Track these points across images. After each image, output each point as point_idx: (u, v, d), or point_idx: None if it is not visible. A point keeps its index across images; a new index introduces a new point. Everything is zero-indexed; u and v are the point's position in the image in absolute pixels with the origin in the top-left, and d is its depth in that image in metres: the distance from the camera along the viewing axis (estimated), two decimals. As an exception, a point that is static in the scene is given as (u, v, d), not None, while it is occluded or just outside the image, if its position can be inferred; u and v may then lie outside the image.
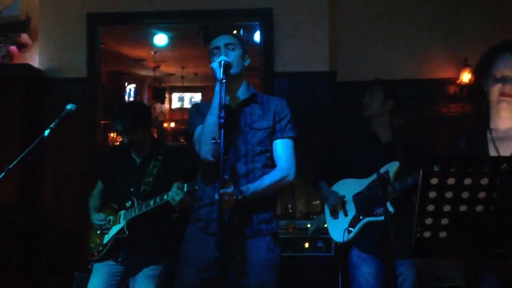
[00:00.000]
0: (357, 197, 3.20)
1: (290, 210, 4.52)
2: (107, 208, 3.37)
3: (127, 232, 3.16)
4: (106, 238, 3.26)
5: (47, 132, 2.63)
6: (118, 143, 5.96)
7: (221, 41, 2.65)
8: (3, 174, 2.51)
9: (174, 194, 2.86)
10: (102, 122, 4.95)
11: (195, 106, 2.83)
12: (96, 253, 3.28)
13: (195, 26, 5.16)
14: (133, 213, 3.17)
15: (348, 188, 3.26)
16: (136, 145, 3.31)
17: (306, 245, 4.06)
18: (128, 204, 3.23)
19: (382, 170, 3.10)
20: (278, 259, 2.63)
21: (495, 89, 2.21)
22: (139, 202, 3.16)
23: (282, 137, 2.64)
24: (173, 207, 2.95)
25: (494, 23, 4.80)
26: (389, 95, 3.30)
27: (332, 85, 4.67)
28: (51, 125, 2.67)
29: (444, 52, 4.90)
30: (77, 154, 4.62)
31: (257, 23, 4.79)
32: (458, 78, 4.83)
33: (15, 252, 4.31)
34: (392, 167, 3.09)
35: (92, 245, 3.34)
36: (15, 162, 2.55)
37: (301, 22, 4.74)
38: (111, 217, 3.29)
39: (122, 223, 3.20)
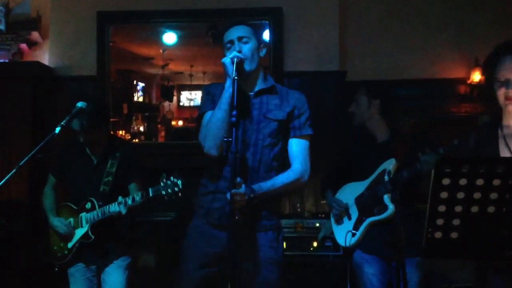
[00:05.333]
0: (358, 200, 3.18)
1: (298, 209, 4.51)
2: (64, 208, 3.28)
3: (92, 237, 3.12)
4: (71, 243, 3.19)
5: (57, 129, 2.63)
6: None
7: (234, 33, 2.57)
8: (13, 171, 2.50)
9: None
10: (111, 119, 4.96)
11: (206, 88, 2.75)
12: (60, 256, 3.22)
13: (204, 25, 5.15)
14: (95, 217, 3.10)
15: (351, 192, 3.23)
16: (92, 144, 3.19)
17: (315, 244, 4.06)
18: (88, 206, 3.14)
19: (380, 169, 3.09)
20: (281, 257, 2.61)
21: (500, 93, 2.21)
22: (100, 203, 3.10)
23: (300, 135, 2.60)
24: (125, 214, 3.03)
25: (505, 22, 4.78)
26: (373, 95, 3.27)
27: (342, 84, 4.66)
28: (62, 123, 2.67)
29: (454, 51, 4.88)
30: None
31: (267, 22, 4.76)
32: (468, 78, 4.81)
33: (25, 248, 4.32)
34: (389, 165, 3.06)
35: (55, 248, 3.25)
36: (25, 159, 2.55)
37: (311, 21, 4.74)
38: (71, 219, 3.21)
39: (85, 227, 3.14)
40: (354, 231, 3.13)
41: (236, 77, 2.39)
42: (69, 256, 3.19)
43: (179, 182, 2.85)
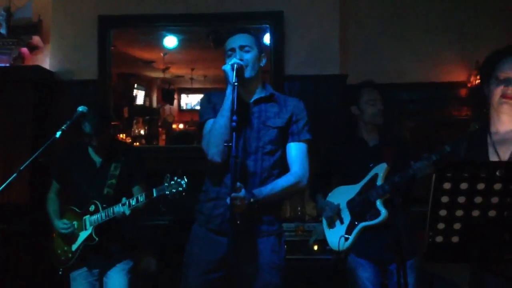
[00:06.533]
0: (350, 204, 3.16)
1: (299, 213, 4.51)
2: (68, 211, 3.28)
3: (96, 239, 3.11)
4: (75, 245, 3.19)
5: (58, 133, 2.64)
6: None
7: (236, 42, 2.59)
8: (15, 175, 2.52)
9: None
10: (112, 123, 4.96)
11: (206, 96, 2.76)
12: (64, 259, 3.23)
13: (205, 28, 5.16)
14: (99, 219, 3.10)
15: (342, 195, 3.22)
16: (100, 147, 3.20)
17: (316, 247, 4.05)
18: (92, 208, 3.15)
19: (372, 173, 3.09)
20: (283, 261, 2.61)
21: (497, 91, 2.20)
22: (104, 206, 3.10)
23: (298, 140, 2.61)
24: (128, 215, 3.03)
25: (505, 25, 4.78)
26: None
27: (342, 88, 4.65)
28: (63, 127, 2.68)
29: (455, 55, 4.87)
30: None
31: (268, 26, 4.78)
32: (469, 81, 4.80)
33: (26, 251, 4.32)
34: (380, 169, 3.07)
35: (59, 251, 3.26)
36: (27, 163, 2.56)
37: (312, 25, 4.75)
38: (75, 222, 3.20)
39: (89, 229, 3.14)
40: (347, 236, 3.12)
41: (236, 83, 2.41)
42: (73, 259, 3.19)
43: (183, 182, 2.86)
